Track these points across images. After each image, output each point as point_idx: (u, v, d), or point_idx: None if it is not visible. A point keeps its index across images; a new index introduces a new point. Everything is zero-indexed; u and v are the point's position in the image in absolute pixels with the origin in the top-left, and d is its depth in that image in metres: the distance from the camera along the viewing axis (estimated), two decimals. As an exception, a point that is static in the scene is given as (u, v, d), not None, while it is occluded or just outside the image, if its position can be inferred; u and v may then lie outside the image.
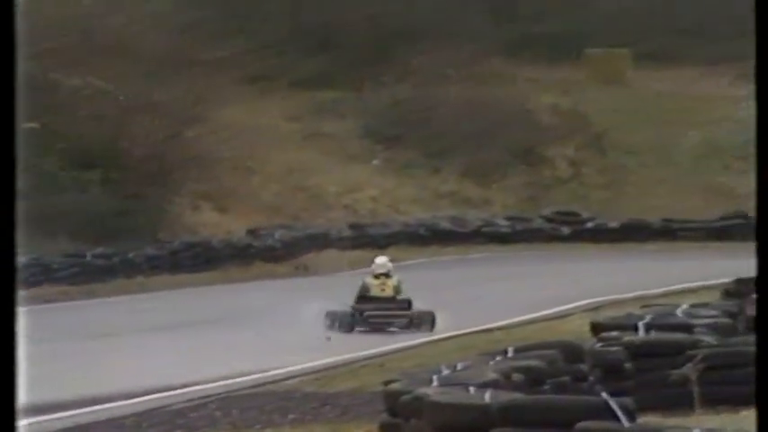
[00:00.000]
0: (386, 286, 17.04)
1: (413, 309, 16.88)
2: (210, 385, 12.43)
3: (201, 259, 26.47)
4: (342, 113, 37.52)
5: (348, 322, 16.79)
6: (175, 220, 29.32)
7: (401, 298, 16.98)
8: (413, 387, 8.83)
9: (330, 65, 38.72)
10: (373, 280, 17.24)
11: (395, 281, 17.21)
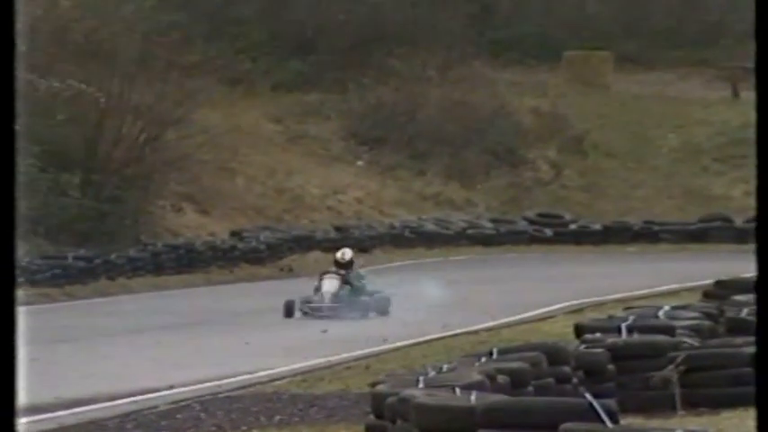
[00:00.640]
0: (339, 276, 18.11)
1: (372, 296, 17.91)
2: (195, 387, 12.45)
3: (185, 261, 26.48)
4: (325, 115, 37.58)
5: (293, 309, 17.99)
6: (158, 222, 29.32)
7: (363, 287, 18.05)
8: (399, 389, 8.88)
9: (312, 67, 38.79)
10: (328, 275, 18.39)
11: (356, 270, 18.30)
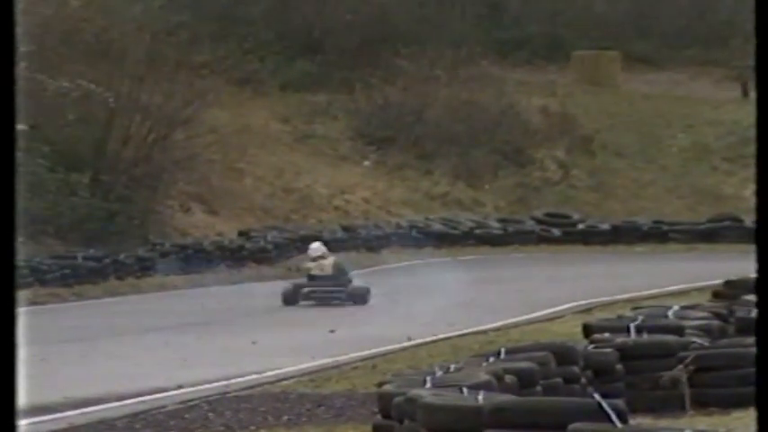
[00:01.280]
0: (323, 266, 19.86)
1: (351, 285, 19.58)
2: (203, 387, 12.42)
3: (193, 261, 26.50)
4: (333, 115, 37.55)
5: (290, 297, 19.67)
6: (166, 222, 29.34)
7: (342, 276, 19.78)
8: (406, 388, 8.86)
9: (319, 67, 38.78)
10: (310, 263, 20.23)
11: (331, 261, 20.04)
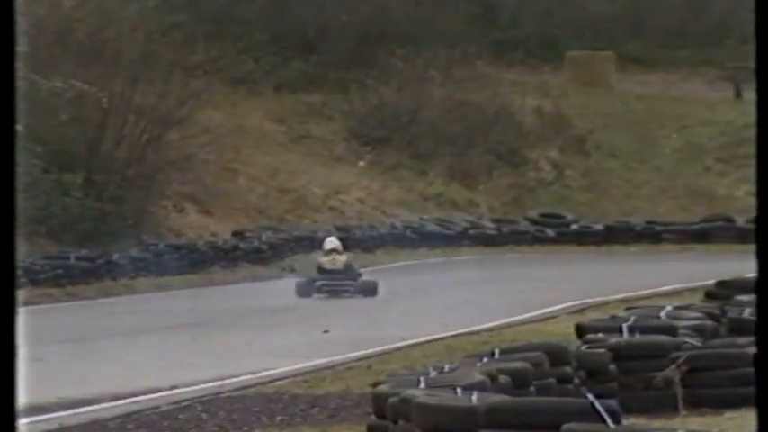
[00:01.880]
0: (336, 261, 21.00)
1: (361, 279, 20.84)
2: (197, 387, 12.44)
3: (186, 261, 26.51)
4: (328, 115, 37.58)
5: (304, 290, 20.67)
6: (160, 222, 29.35)
7: (352, 271, 21.06)
8: (400, 389, 8.87)
9: (315, 67, 38.82)
10: (324, 257, 21.24)
11: (344, 257, 21.21)
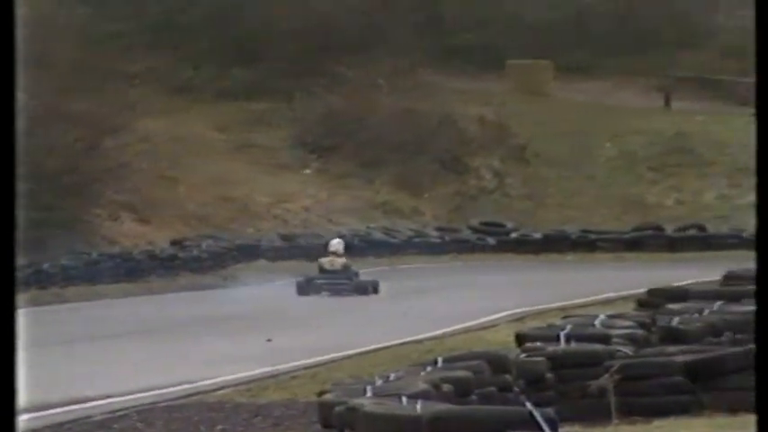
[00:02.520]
0: (334, 262, 22.91)
1: (357, 279, 22.75)
2: (133, 396, 12.19)
3: (122, 270, 26.37)
4: (272, 124, 37.69)
5: (303, 289, 22.54)
6: (95, 230, 29.27)
7: (349, 272, 22.96)
8: (347, 398, 9.00)
9: (259, 76, 38.94)
10: (324, 258, 23.22)
11: (342, 260, 23.08)
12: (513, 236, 33.20)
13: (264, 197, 34.44)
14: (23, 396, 11.15)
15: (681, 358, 10.40)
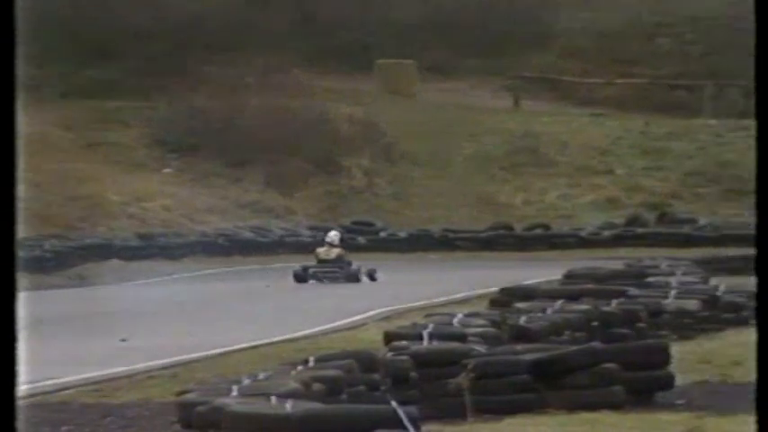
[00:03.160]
0: (330, 252, 24.85)
1: (352, 267, 24.61)
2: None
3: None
4: (127, 122, 36.95)
5: (301, 276, 24.36)
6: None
7: (342, 261, 24.74)
8: (210, 397, 8.60)
9: (115, 75, 38.27)
10: (320, 248, 25.08)
11: (338, 251, 24.88)
12: (382, 235, 33.80)
13: (117, 196, 33.28)
14: None
15: (527, 357, 10.67)
